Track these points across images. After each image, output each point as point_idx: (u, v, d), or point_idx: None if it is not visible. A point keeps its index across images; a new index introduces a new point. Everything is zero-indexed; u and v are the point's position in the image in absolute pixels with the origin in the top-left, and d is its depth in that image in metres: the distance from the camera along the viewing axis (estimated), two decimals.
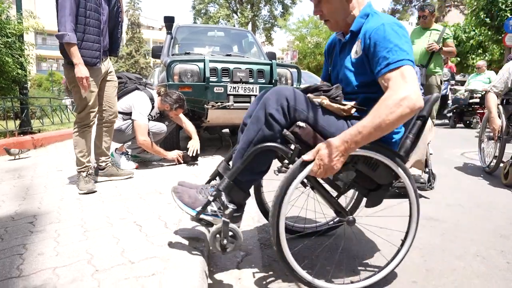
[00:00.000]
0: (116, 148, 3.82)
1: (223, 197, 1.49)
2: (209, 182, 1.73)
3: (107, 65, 3.01)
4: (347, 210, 1.64)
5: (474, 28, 15.64)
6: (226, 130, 7.02)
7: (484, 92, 7.62)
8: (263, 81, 4.44)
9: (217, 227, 1.48)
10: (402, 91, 1.29)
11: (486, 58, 17.20)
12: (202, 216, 1.55)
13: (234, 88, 4.25)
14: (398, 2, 34.61)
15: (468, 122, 9.16)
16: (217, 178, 1.71)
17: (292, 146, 1.49)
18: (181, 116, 3.98)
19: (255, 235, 2.18)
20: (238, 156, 1.55)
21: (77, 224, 2.04)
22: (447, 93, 9.33)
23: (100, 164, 3.19)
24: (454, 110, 9.15)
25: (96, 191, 2.80)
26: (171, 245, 1.74)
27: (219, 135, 6.00)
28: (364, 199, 1.65)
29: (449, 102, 9.51)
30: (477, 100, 8.62)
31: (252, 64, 4.49)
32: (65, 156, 4.56)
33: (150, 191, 2.77)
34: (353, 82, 1.54)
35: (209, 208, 1.55)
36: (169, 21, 5.27)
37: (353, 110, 1.50)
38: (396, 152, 1.51)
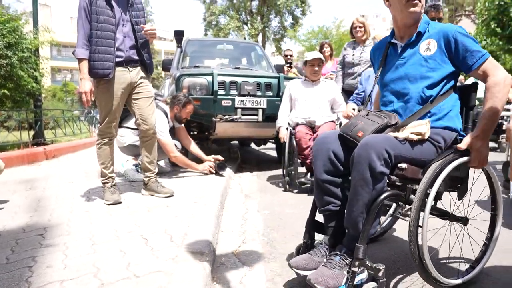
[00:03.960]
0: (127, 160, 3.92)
1: (369, 262, 1.49)
2: (310, 242, 1.82)
3: (135, 76, 2.92)
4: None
5: (485, 38, 15.53)
6: (235, 142, 7.07)
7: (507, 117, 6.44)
8: (271, 94, 4.49)
9: None
10: (503, 74, 1.62)
11: None
12: None
13: (242, 101, 4.31)
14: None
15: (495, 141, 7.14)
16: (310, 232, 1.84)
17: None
18: (191, 140, 4.16)
19: (259, 249, 2.20)
20: (356, 220, 1.55)
21: (86, 237, 2.10)
22: None
23: (144, 179, 3.15)
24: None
25: (121, 202, 2.86)
26: (175, 259, 1.77)
27: (227, 147, 6.05)
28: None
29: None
30: (508, 113, 6.57)
31: (259, 77, 4.55)
32: (76, 168, 4.65)
33: (158, 204, 2.82)
34: (428, 75, 1.72)
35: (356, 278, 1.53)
36: (179, 34, 5.35)
37: (429, 132, 1.63)
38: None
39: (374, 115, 1.74)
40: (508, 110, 6.49)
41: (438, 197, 1.68)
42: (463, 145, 1.62)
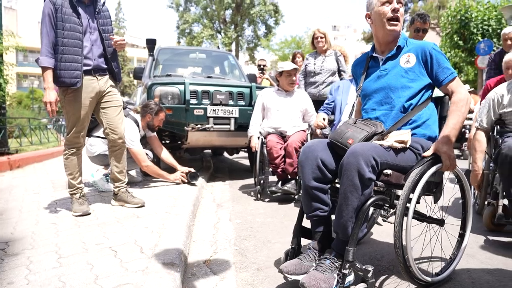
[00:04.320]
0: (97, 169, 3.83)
1: (358, 265, 1.60)
2: (298, 246, 1.90)
3: (103, 85, 2.87)
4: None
5: (449, 50, 16.27)
6: (208, 151, 7.05)
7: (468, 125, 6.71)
8: (243, 103, 4.53)
9: None
10: (465, 92, 1.83)
11: (462, 78, 17.84)
12: None
13: (214, 110, 4.32)
14: None
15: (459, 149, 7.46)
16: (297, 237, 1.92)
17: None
18: (164, 149, 4.14)
19: (231, 258, 2.20)
20: (346, 224, 1.62)
21: (51, 250, 2.03)
22: None
23: (114, 189, 3.09)
24: None
25: (90, 213, 2.80)
26: (145, 271, 1.75)
27: (200, 156, 6.03)
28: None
29: None
30: (469, 122, 6.75)
31: (232, 86, 4.58)
32: (43, 178, 4.50)
33: (128, 215, 2.77)
34: (408, 85, 1.87)
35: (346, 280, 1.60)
36: (151, 43, 5.35)
37: (410, 140, 1.76)
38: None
39: (361, 124, 1.86)
40: (470, 119, 6.87)
41: (417, 201, 1.78)
42: (428, 153, 1.78)
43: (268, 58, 28.83)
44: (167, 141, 4.93)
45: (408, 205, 1.67)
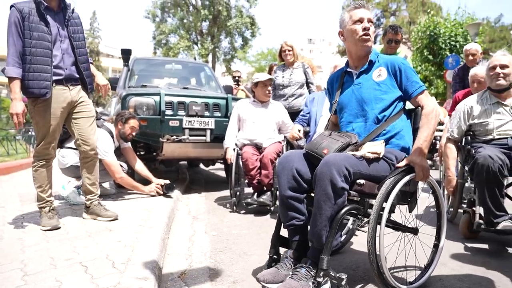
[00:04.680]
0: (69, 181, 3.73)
1: (332, 273, 1.61)
2: (276, 255, 1.92)
3: (75, 95, 2.80)
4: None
5: (420, 64, 16.89)
6: (184, 162, 6.98)
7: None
8: (219, 114, 4.52)
9: None
10: (433, 105, 1.90)
11: (432, 91, 18.51)
12: None
13: (190, 121, 4.29)
14: None
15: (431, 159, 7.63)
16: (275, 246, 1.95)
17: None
18: (139, 161, 4.08)
19: (206, 271, 2.17)
20: (320, 233, 1.65)
21: (16, 268, 1.94)
22: None
23: (86, 202, 3.00)
24: None
25: (60, 227, 2.70)
26: (117, 286, 1.70)
27: (176, 168, 5.95)
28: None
29: None
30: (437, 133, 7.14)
31: (208, 97, 4.57)
32: (9, 191, 4.32)
33: (101, 229, 2.70)
34: (380, 97, 1.94)
35: None
36: (126, 53, 5.29)
37: (383, 151, 1.81)
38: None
39: (336, 135, 1.92)
40: (440, 130, 7.08)
41: (391, 210, 1.83)
42: (402, 163, 1.84)
43: (244, 70, 29.06)
44: (142, 153, 4.85)
45: (382, 213, 1.71)
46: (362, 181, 1.74)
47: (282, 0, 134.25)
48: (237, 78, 6.42)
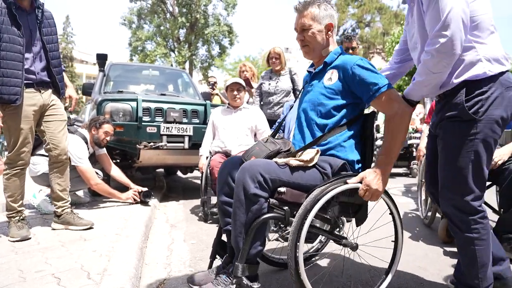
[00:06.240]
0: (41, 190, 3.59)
1: (245, 281, 1.57)
2: (211, 264, 1.93)
3: (47, 99, 2.72)
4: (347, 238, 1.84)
5: None
6: (161, 170, 6.86)
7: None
8: (197, 121, 4.47)
9: None
10: (397, 107, 1.65)
11: None
12: None
13: (168, 128, 4.22)
14: None
15: (407, 167, 7.75)
16: (217, 256, 1.94)
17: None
18: (113, 165, 4.00)
19: (186, 281, 2.11)
20: (236, 240, 1.62)
21: None
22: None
23: (56, 210, 2.87)
24: None
25: (30, 238, 2.57)
26: None
27: (153, 175, 5.84)
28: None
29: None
30: (417, 141, 7.01)
31: (186, 104, 4.51)
32: None
33: (74, 238, 2.59)
34: (326, 103, 1.80)
35: None
36: (102, 58, 5.18)
37: (316, 159, 1.68)
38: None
39: (271, 142, 1.86)
40: (418, 138, 7.17)
41: (335, 223, 1.80)
42: (354, 180, 1.65)
43: (222, 77, 29.03)
44: (118, 160, 4.73)
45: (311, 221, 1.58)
46: (283, 189, 1.62)
47: (260, 9, 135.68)
48: (212, 83, 6.34)
